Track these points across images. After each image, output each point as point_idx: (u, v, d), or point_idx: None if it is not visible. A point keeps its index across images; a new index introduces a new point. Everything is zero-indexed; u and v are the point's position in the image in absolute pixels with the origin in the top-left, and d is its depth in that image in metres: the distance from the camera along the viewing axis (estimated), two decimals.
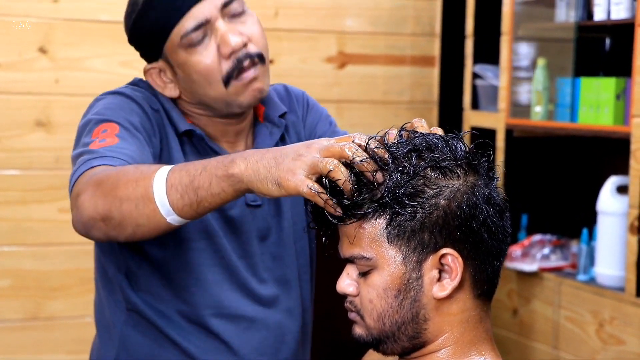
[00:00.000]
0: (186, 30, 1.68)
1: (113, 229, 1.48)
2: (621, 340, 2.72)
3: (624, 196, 2.78)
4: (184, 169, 1.42)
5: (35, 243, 3.11)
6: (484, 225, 1.31)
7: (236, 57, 1.70)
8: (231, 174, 1.36)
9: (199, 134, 1.75)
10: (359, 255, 1.32)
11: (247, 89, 1.72)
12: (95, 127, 1.64)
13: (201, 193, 1.39)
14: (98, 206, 1.46)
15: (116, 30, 3.18)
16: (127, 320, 1.78)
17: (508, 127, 3.21)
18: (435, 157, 1.31)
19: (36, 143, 3.09)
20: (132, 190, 1.43)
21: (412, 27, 3.58)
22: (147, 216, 1.43)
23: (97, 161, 1.54)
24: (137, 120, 1.68)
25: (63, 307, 3.15)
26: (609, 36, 3.13)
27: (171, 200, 1.41)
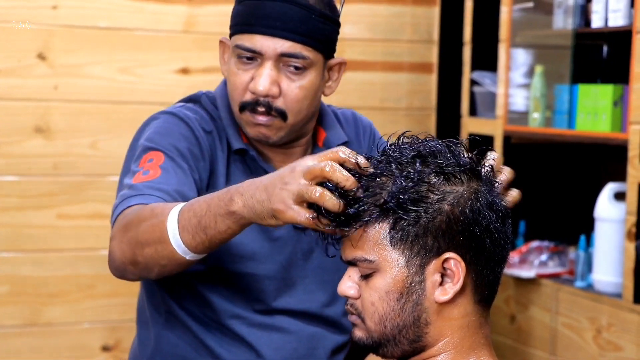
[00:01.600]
0: (241, 44, 1.73)
1: (142, 272, 1.59)
2: (618, 346, 2.72)
3: (622, 203, 2.78)
4: (192, 209, 1.48)
5: (33, 249, 3.11)
6: (487, 230, 1.32)
7: (257, 98, 1.73)
8: (232, 212, 1.42)
9: (251, 154, 1.79)
10: (361, 258, 1.33)
11: (254, 127, 1.75)
12: (144, 155, 1.70)
13: (210, 232, 1.46)
14: (125, 252, 1.57)
15: (115, 37, 3.20)
16: (165, 322, 1.82)
17: (506, 133, 3.21)
18: (439, 162, 1.32)
19: (35, 149, 3.09)
20: (150, 235, 1.51)
21: (410, 34, 3.59)
22: (167, 257, 1.51)
23: (134, 199, 1.61)
24: (184, 146, 1.73)
25: (61, 313, 3.15)
26: (607, 43, 3.14)
27: (185, 242, 1.49)
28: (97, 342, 3.19)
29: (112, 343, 3.21)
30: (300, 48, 1.72)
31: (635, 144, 2.66)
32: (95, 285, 3.18)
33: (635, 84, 2.67)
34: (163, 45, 3.24)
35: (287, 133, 1.78)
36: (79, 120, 3.14)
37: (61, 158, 3.11)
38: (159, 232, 1.50)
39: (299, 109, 1.75)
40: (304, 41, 1.72)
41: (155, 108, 3.22)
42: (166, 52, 3.24)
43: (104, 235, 3.17)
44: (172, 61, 3.24)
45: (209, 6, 3.27)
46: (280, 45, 1.71)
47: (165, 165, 1.67)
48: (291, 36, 1.71)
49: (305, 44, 1.73)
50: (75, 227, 3.15)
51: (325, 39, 1.75)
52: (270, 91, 1.72)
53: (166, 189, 1.63)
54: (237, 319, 1.79)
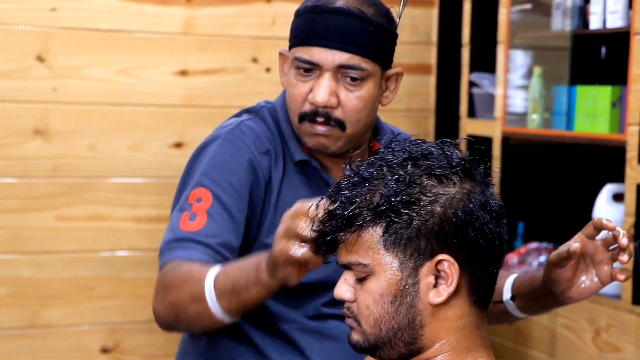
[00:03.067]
0: (300, 56, 1.76)
1: (186, 328, 1.73)
2: (617, 347, 2.73)
3: (620, 204, 2.79)
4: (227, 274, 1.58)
5: (32, 251, 3.11)
6: (480, 231, 1.32)
7: (316, 108, 1.76)
8: (260, 279, 1.53)
9: (314, 165, 1.82)
10: (355, 262, 1.33)
11: (312, 137, 1.79)
12: (193, 190, 1.76)
13: (243, 296, 1.56)
14: (168, 314, 1.67)
15: (114, 39, 3.20)
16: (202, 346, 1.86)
17: (504, 135, 3.22)
18: (430, 164, 1.32)
19: (34, 151, 3.10)
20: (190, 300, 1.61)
21: (409, 36, 3.59)
22: (208, 320, 1.61)
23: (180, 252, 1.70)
24: (237, 179, 1.77)
25: (61, 315, 3.15)
26: (605, 45, 3.14)
27: (222, 306, 1.58)
28: (96, 343, 3.19)
29: (112, 345, 3.21)
30: (358, 60, 1.75)
31: (634, 145, 2.66)
32: (95, 287, 3.18)
33: (633, 85, 2.67)
34: (162, 47, 3.24)
35: (345, 143, 1.80)
36: (78, 122, 3.15)
37: (60, 160, 3.11)
38: (198, 298, 1.59)
39: (358, 119, 1.78)
40: (361, 53, 1.75)
41: (154, 110, 3.24)
42: (165, 54, 3.24)
43: (103, 237, 3.18)
44: (171, 63, 3.25)
45: (208, 8, 3.28)
46: (338, 57, 1.73)
47: (212, 211, 1.73)
48: (349, 48, 1.74)
49: (362, 55, 1.75)
50: (75, 228, 3.15)
51: (383, 50, 1.79)
52: (329, 102, 1.75)
53: (210, 243, 1.71)
54: (289, 323, 1.81)
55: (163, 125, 3.24)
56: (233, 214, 1.74)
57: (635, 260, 2.67)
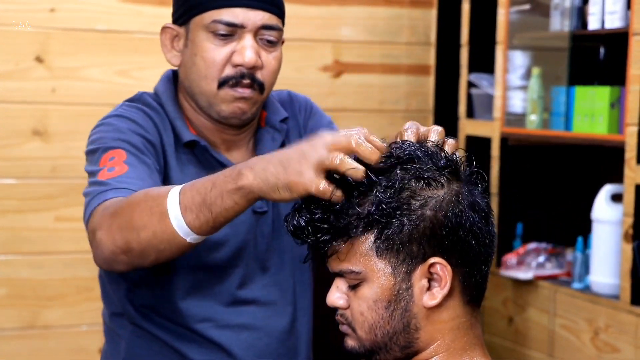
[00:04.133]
0: (219, 19, 1.72)
1: (136, 259, 1.52)
2: (616, 348, 2.73)
3: (619, 204, 2.79)
4: (194, 188, 1.45)
5: (31, 252, 3.11)
6: (471, 232, 1.32)
7: (241, 70, 1.73)
8: (240, 186, 1.39)
9: (203, 145, 1.78)
10: (348, 270, 1.33)
11: (232, 102, 1.75)
12: (103, 155, 1.67)
13: (215, 209, 1.42)
14: (116, 240, 1.50)
15: (113, 40, 3.20)
16: (132, 332, 1.80)
17: (503, 135, 3.22)
18: (418, 167, 1.32)
19: (33, 152, 3.10)
20: (148, 218, 1.46)
21: (408, 36, 3.59)
22: (167, 241, 1.47)
23: (110, 193, 1.57)
24: (138, 140, 1.71)
25: (59, 315, 3.15)
26: (604, 45, 3.14)
27: (188, 222, 1.44)
28: (95, 344, 3.19)
29: None
30: (275, 20, 1.76)
31: (632, 146, 2.66)
32: (94, 287, 3.18)
33: (631, 85, 2.67)
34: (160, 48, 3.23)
35: (257, 108, 1.79)
36: (77, 122, 3.14)
37: (59, 161, 3.11)
38: (158, 214, 1.45)
39: (273, 82, 1.78)
40: (277, 13, 1.77)
41: None
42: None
43: None
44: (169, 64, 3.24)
45: None
46: (260, 18, 1.73)
47: (129, 161, 1.65)
48: (270, 8, 1.75)
49: (279, 16, 1.77)
50: (74, 229, 3.15)
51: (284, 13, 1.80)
52: (256, 62, 1.73)
53: (140, 183, 1.60)
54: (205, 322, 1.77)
55: None
56: (149, 165, 1.67)
57: (634, 260, 2.67)
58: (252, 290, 1.81)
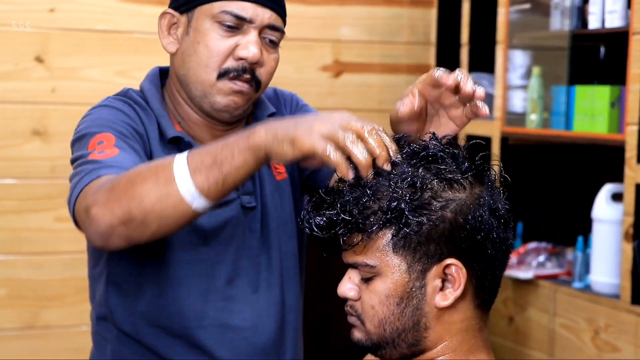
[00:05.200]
0: (229, 10, 1.72)
1: (136, 230, 1.47)
2: (616, 347, 2.73)
3: (619, 204, 2.79)
4: (203, 150, 1.44)
5: (31, 252, 3.11)
6: (489, 237, 1.32)
7: (243, 64, 1.73)
8: (252, 143, 1.39)
9: (187, 141, 1.76)
10: (363, 263, 1.33)
11: (228, 95, 1.74)
12: (91, 139, 1.65)
13: (225, 168, 1.41)
14: (115, 211, 1.46)
15: (112, 40, 3.20)
16: (117, 337, 1.79)
17: (503, 135, 3.22)
18: (441, 168, 1.32)
19: (33, 152, 3.10)
20: (153, 184, 1.44)
21: (408, 36, 3.59)
22: (172, 206, 1.44)
23: (103, 171, 1.54)
24: (126, 129, 1.70)
25: (59, 316, 3.15)
26: (604, 44, 3.14)
27: (197, 182, 1.42)
28: None
29: None
30: (280, 22, 1.76)
31: (632, 145, 2.66)
32: None
33: (632, 85, 2.67)
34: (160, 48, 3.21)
35: (249, 106, 1.79)
36: (77, 123, 3.14)
37: (59, 161, 3.11)
38: (164, 179, 1.43)
39: (268, 82, 1.78)
40: (283, 16, 1.77)
41: None
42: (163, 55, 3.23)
43: None
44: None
45: None
46: (268, 16, 1.73)
47: (119, 145, 1.63)
48: (277, 9, 1.75)
49: (282, 18, 1.78)
50: (73, 229, 3.12)
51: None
52: (260, 59, 1.73)
53: (132, 165, 1.57)
54: (190, 321, 1.76)
55: None
56: (138, 152, 1.65)
57: (634, 259, 2.67)
58: (239, 287, 1.80)
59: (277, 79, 1.85)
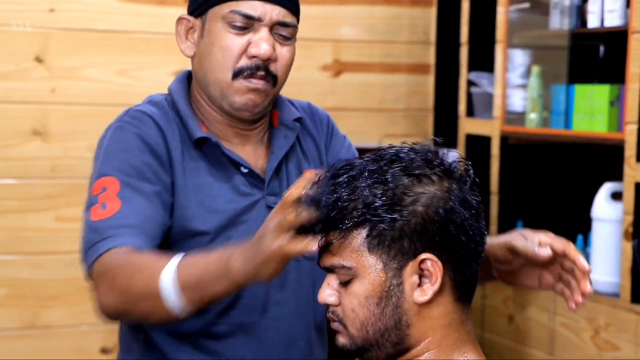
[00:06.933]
0: (238, 10, 1.75)
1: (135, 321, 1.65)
2: (616, 346, 2.73)
3: (619, 203, 2.79)
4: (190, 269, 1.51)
5: (31, 252, 3.12)
6: (461, 228, 1.33)
7: (256, 62, 1.75)
8: (232, 278, 1.46)
9: (214, 141, 1.78)
10: (339, 264, 1.34)
11: (245, 94, 1.76)
12: (96, 182, 1.71)
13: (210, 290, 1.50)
14: (117, 306, 1.59)
15: (112, 40, 3.20)
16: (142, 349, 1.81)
17: (503, 134, 3.22)
18: (409, 164, 1.34)
19: (33, 152, 3.10)
20: (143, 297, 1.55)
21: (408, 36, 3.59)
22: (160, 314, 1.54)
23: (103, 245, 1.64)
24: (139, 160, 1.72)
25: (60, 315, 3.15)
26: (603, 43, 3.14)
27: (181, 303, 1.51)
28: (95, 344, 3.20)
29: (111, 345, 3.21)
30: (291, 17, 1.79)
31: (632, 144, 2.66)
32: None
33: (631, 84, 2.67)
34: (160, 48, 3.24)
35: (269, 102, 1.81)
36: (77, 122, 3.15)
37: (59, 160, 3.12)
38: (153, 294, 1.52)
39: (285, 77, 1.81)
40: (293, 11, 1.80)
41: None
42: (163, 54, 3.24)
43: None
44: (169, 63, 3.25)
45: None
46: (277, 13, 1.76)
47: (122, 194, 1.68)
48: (287, 4, 1.78)
49: (294, 14, 1.80)
50: (74, 229, 3.13)
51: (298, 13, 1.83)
52: (272, 55, 1.76)
53: (132, 223, 1.64)
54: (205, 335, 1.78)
55: None
56: (144, 193, 1.69)
57: (634, 258, 2.67)
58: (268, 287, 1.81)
59: None
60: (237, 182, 1.77)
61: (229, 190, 1.76)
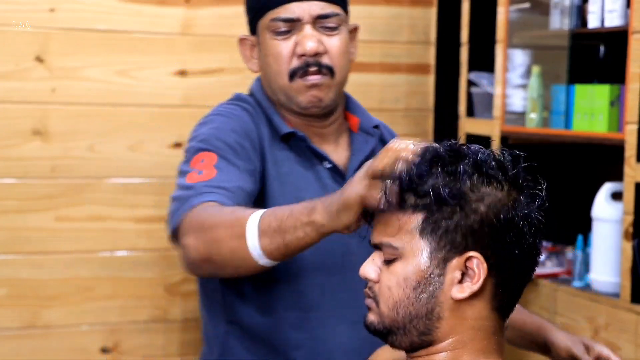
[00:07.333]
0: (277, 17, 1.85)
1: (216, 270, 1.65)
2: (616, 346, 2.73)
3: (619, 202, 2.79)
4: (273, 214, 1.53)
5: (31, 251, 3.11)
6: (517, 240, 1.33)
7: (306, 60, 1.84)
8: (312, 220, 1.47)
9: (300, 135, 1.88)
10: (387, 243, 1.35)
11: (307, 92, 1.86)
12: (194, 157, 1.78)
13: (287, 237, 1.50)
14: (200, 250, 1.61)
15: (113, 40, 3.20)
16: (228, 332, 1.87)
17: (503, 134, 3.22)
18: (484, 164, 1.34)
19: (33, 152, 3.10)
20: (229, 235, 1.56)
21: (408, 35, 3.59)
22: (242, 259, 1.56)
23: (196, 199, 1.67)
24: (235, 140, 1.80)
25: (60, 315, 3.15)
26: (603, 43, 3.14)
27: (262, 245, 1.52)
28: (96, 344, 3.20)
29: (111, 345, 3.21)
30: (330, 7, 1.88)
31: (632, 144, 2.66)
32: (94, 287, 3.18)
33: (631, 84, 2.67)
34: (160, 48, 3.24)
35: (334, 94, 1.88)
36: (77, 122, 3.15)
37: (59, 161, 3.12)
38: (237, 235, 1.54)
39: (342, 64, 1.88)
40: (333, 0, 1.89)
41: (153, 110, 3.24)
42: (164, 54, 3.24)
43: (102, 238, 3.18)
44: (169, 63, 3.25)
45: (207, 8, 3.28)
46: (314, 8, 1.85)
47: (219, 165, 1.74)
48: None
49: (335, 2, 1.89)
50: (74, 229, 3.15)
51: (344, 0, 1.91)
52: (318, 49, 1.84)
53: (227, 186, 1.69)
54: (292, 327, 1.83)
55: (162, 126, 3.25)
56: (239, 167, 1.75)
57: (634, 258, 2.67)
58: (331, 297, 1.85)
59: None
60: (321, 175, 1.85)
61: (315, 182, 1.85)
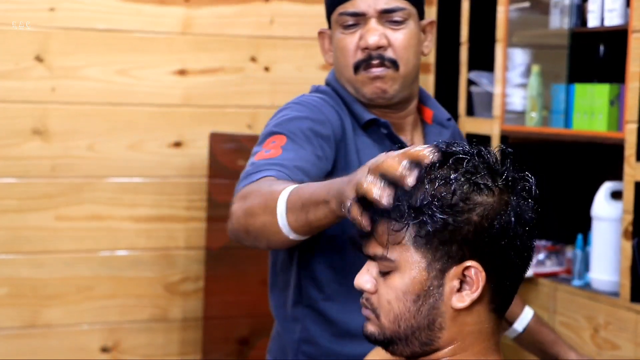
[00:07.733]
0: (344, 11, 1.92)
1: (253, 241, 1.69)
2: (616, 345, 2.73)
3: (618, 202, 2.79)
4: (299, 192, 1.56)
5: (31, 251, 3.12)
6: (512, 243, 1.32)
7: (369, 53, 1.89)
8: (327, 201, 1.48)
9: (383, 122, 1.92)
10: (382, 255, 1.33)
11: (370, 84, 1.90)
12: (267, 139, 1.83)
13: (310, 215, 1.53)
14: (240, 220, 1.66)
15: (112, 39, 3.20)
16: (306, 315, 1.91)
17: (503, 133, 3.22)
18: (474, 173, 1.32)
19: (33, 151, 3.10)
20: (262, 210, 1.61)
21: None
22: (274, 233, 1.60)
23: (255, 175, 1.72)
24: (308, 126, 1.84)
25: (60, 314, 3.15)
26: (603, 43, 3.14)
27: (289, 221, 1.56)
28: (96, 343, 3.20)
29: (111, 344, 3.21)
30: (396, 2, 1.90)
31: (632, 143, 2.66)
32: (94, 286, 3.19)
33: (631, 83, 2.67)
34: (160, 47, 3.24)
35: (400, 86, 1.91)
36: (77, 122, 3.15)
37: (59, 160, 3.12)
38: (270, 208, 1.58)
39: (408, 58, 1.91)
40: None
41: (152, 110, 3.25)
42: (164, 53, 3.25)
43: (102, 237, 3.19)
44: (169, 63, 3.25)
45: (206, 8, 3.28)
46: (379, 3, 1.89)
47: (286, 146, 1.79)
48: None
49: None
50: (74, 228, 3.16)
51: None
52: (380, 42, 1.88)
53: (285, 164, 1.74)
54: None
55: (162, 125, 3.25)
56: (305, 149, 1.80)
57: (634, 257, 2.67)
58: None
59: (278, 77, 1.87)
60: None
61: None
